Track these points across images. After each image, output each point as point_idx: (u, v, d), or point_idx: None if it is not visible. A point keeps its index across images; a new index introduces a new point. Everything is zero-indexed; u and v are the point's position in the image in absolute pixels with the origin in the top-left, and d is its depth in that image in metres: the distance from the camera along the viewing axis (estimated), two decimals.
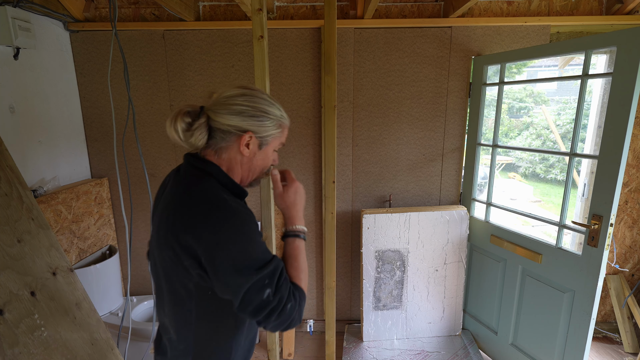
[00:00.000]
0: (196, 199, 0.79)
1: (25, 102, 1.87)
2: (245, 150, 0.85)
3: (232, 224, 0.77)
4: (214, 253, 0.75)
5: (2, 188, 1.31)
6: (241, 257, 0.76)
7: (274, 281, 0.77)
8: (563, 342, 1.82)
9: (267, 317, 0.77)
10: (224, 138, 0.85)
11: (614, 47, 1.51)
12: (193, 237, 0.76)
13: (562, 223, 1.80)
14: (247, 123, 0.83)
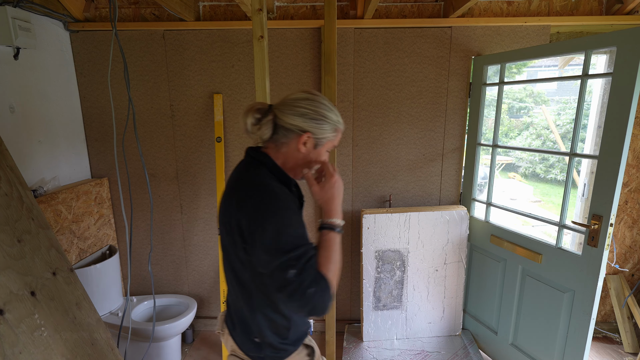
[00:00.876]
0: (246, 183, 0.93)
1: (25, 102, 1.87)
2: (302, 148, 0.96)
3: (271, 206, 0.87)
4: (253, 229, 0.86)
5: (2, 188, 1.31)
6: (275, 237, 0.84)
7: (299, 264, 0.84)
8: (563, 342, 1.82)
9: (288, 296, 0.85)
10: (285, 135, 0.96)
11: (614, 47, 1.51)
12: (240, 215, 0.88)
13: (562, 223, 1.80)
14: (308, 124, 0.94)
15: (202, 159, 2.37)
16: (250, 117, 0.97)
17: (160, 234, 2.49)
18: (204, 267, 2.54)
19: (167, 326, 2.06)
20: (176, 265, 2.54)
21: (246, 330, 1.03)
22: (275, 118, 0.96)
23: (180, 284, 2.57)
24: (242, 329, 1.04)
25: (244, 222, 0.87)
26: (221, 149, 2.29)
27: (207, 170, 2.39)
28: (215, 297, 2.58)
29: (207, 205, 2.44)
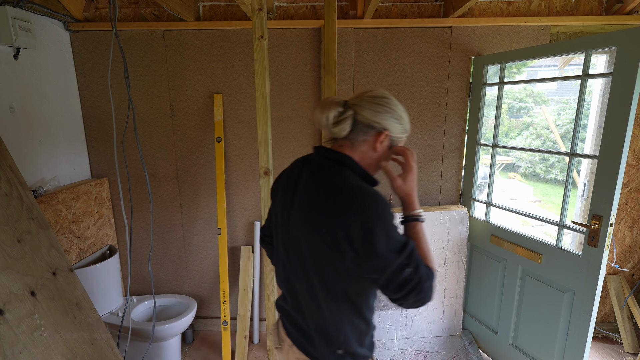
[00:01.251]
0: (342, 187, 0.87)
1: (25, 102, 1.87)
2: (379, 146, 0.94)
3: (378, 208, 0.84)
4: (365, 236, 0.82)
5: (2, 188, 1.31)
6: (387, 239, 0.83)
7: (412, 262, 0.84)
8: (563, 342, 1.82)
9: (407, 294, 0.85)
10: (365, 132, 0.93)
11: (614, 47, 1.51)
12: (346, 222, 0.83)
13: (562, 223, 1.80)
14: (388, 123, 0.93)
15: (202, 159, 2.37)
16: (333, 111, 0.91)
17: (160, 234, 2.49)
18: (204, 267, 2.54)
19: (167, 326, 2.06)
20: (176, 265, 2.54)
21: (330, 342, 0.97)
22: (354, 114, 0.92)
23: (180, 284, 2.57)
24: (326, 342, 0.97)
25: (354, 230, 0.82)
26: (221, 149, 2.29)
27: (207, 170, 2.39)
28: (215, 297, 2.58)
29: (207, 205, 2.44)
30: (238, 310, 2.32)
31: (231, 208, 2.44)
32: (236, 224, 2.46)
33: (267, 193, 1.54)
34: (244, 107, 2.30)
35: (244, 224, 2.47)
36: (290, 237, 0.97)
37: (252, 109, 2.30)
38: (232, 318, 2.56)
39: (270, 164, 1.50)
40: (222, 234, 2.31)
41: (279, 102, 2.28)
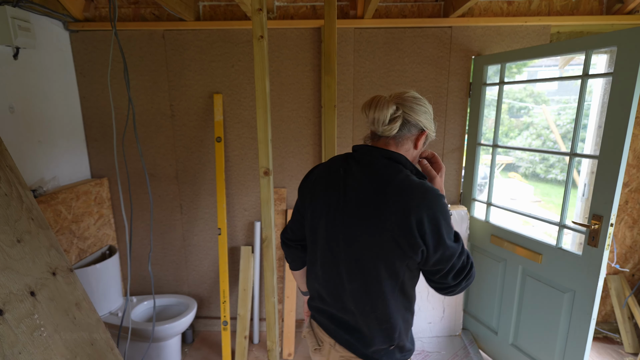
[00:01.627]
0: (409, 184, 0.90)
1: (25, 102, 1.87)
2: (420, 144, 1.00)
3: (441, 202, 0.90)
4: (435, 228, 0.87)
5: (2, 188, 1.31)
6: (449, 230, 0.90)
7: (464, 250, 0.95)
8: (563, 342, 1.82)
9: (462, 279, 0.95)
10: (410, 131, 0.97)
11: (614, 47, 1.51)
12: (419, 216, 0.87)
13: (562, 223, 1.80)
14: (429, 123, 0.99)
15: (202, 159, 2.37)
16: (390, 109, 0.93)
17: (160, 234, 2.49)
18: (204, 267, 2.54)
19: (167, 326, 2.06)
20: (176, 265, 2.54)
21: (388, 338, 0.99)
22: (403, 113, 0.95)
23: (180, 284, 2.57)
24: (383, 339, 0.99)
25: (425, 225, 0.86)
26: (221, 149, 2.29)
27: (207, 170, 2.39)
28: (215, 297, 2.58)
29: (207, 205, 2.44)
30: (238, 310, 2.32)
31: (231, 208, 2.44)
32: (236, 224, 2.46)
33: (266, 193, 1.53)
34: (244, 107, 2.29)
35: (244, 224, 2.47)
36: (340, 236, 0.97)
37: (252, 109, 2.30)
38: (232, 318, 2.56)
39: (270, 164, 1.50)
40: (222, 234, 2.31)
41: (279, 102, 2.28)
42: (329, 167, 1.05)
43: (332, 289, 1.03)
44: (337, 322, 1.05)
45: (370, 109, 0.95)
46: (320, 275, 1.06)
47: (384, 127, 0.94)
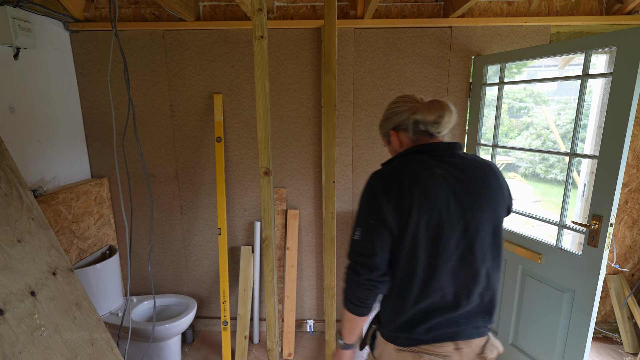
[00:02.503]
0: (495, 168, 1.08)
1: (25, 102, 1.87)
2: None
3: None
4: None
5: (2, 188, 1.31)
6: None
7: None
8: (563, 342, 1.82)
9: None
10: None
11: (614, 47, 1.51)
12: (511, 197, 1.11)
13: (562, 223, 1.80)
14: None
15: (202, 159, 2.37)
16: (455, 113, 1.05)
17: (160, 234, 2.49)
18: (204, 267, 2.54)
19: (167, 326, 2.06)
20: (176, 265, 2.54)
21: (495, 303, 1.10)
22: None
23: (180, 284, 2.57)
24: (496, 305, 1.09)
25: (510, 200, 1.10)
26: (221, 149, 2.29)
27: (207, 170, 2.39)
28: (215, 297, 2.58)
29: (207, 205, 2.44)
30: (238, 310, 2.32)
31: (231, 208, 2.44)
32: (236, 224, 2.46)
33: (266, 192, 1.53)
34: (244, 107, 2.30)
35: (244, 224, 2.47)
36: (471, 226, 0.99)
37: (252, 109, 2.30)
38: (232, 318, 2.56)
39: (270, 164, 1.50)
40: (222, 234, 2.31)
41: (279, 102, 2.28)
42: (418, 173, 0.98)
43: (462, 287, 1.01)
44: (463, 320, 1.03)
45: (445, 112, 1.02)
46: (443, 284, 0.99)
47: (448, 127, 1.04)
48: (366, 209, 1.00)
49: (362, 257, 1.00)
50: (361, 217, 1.01)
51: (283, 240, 2.42)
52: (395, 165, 1.03)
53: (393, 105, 1.11)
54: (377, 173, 1.04)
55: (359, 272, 1.00)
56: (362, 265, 1.00)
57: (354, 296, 1.02)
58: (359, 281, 1.00)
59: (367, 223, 0.99)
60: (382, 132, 1.16)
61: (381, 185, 0.99)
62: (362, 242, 1.00)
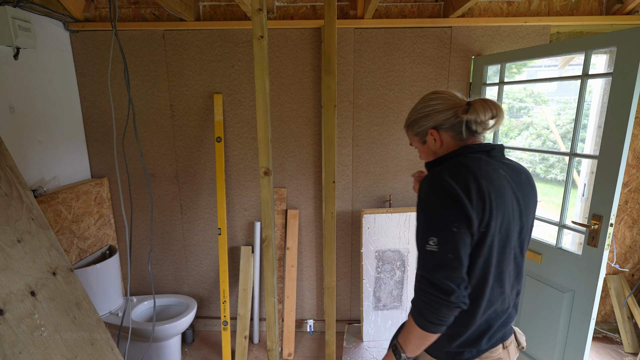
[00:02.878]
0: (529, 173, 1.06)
1: (25, 102, 1.87)
2: None
3: None
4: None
5: (2, 188, 1.31)
6: None
7: None
8: (563, 342, 1.82)
9: None
10: None
11: (614, 47, 1.51)
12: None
13: (562, 223, 1.80)
14: None
15: (202, 159, 2.37)
16: None
17: (160, 234, 2.49)
18: (204, 267, 2.54)
19: (167, 326, 2.06)
20: (176, 265, 2.54)
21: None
22: None
23: (180, 284, 2.57)
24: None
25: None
26: (221, 149, 2.29)
27: (207, 170, 2.39)
28: (215, 297, 2.58)
29: (207, 205, 2.44)
30: (238, 310, 2.32)
31: (231, 208, 2.44)
32: (236, 224, 2.46)
33: (266, 192, 1.53)
34: (244, 107, 2.30)
35: (244, 224, 2.47)
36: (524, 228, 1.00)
37: (252, 109, 2.30)
38: (232, 318, 2.56)
39: (270, 164, 1.50)
40: (222, 234, 2.31)
41: (279, 102, 2.28)
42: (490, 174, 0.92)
43: (512, 287, 1.02)
44: (509, 320, 1.04)
45: (499, 111, 0.97)
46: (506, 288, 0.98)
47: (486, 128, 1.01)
48: (445, 214, 0.88)
49: (447, 270, 0.86)
50: (437, 223, 0.88)
51: (283, 240, 2.42)
52: (463, 163, 0.93)
53: (431, 102, 1.02)
54: (447, 172, 0.91)
55: (446, 290, 0.85)
56: (449, 280, 0.86)
57: (436, 316, 0.88)
58: (449, 300, 0.86)
59: (448, 230, 0.87)
60: (415, 130, 1.06)
61: (460, 186, 0.88)
62: (443, 254, 0.87)
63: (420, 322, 0.90)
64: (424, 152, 1.08)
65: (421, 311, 0.89)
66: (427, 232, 0.89)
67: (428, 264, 0.88)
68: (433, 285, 0.87)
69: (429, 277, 0.87)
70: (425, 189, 0.93)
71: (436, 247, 0.87)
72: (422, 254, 0.90)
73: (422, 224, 0.92)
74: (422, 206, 0.93)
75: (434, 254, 0.87)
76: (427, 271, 0.88)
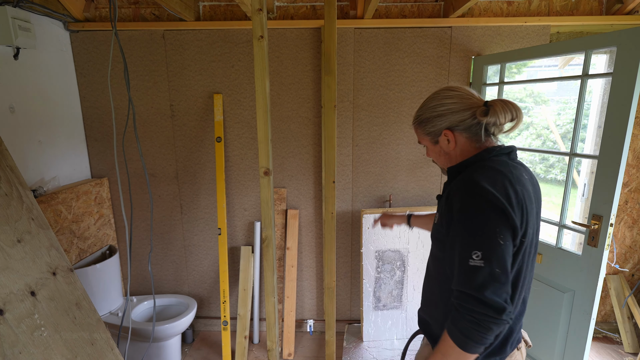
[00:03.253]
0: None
1: (25, 102, 1.87)
2: None
3: None
4: None
5: (2, 188, 1.31)
6: None
7: None
8: (563, 342, 1.82)
9: None
10: None
11: (614, 47, 1.51)
12: None
13: (562, 223, 1.80)
14: None
15: (202, 159, 2.37)
16: None
17: (160, 234, 2.49)
18: (204, 267, 2.54)
19: (167, 326, 2.06)
20: (176, 265, 2.54)
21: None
22: None
23: (180, 284, 2.57)
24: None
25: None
26: (221, 149, 2.29)
27: (207, 170, 2.39)
28: (215, 297, 2.58)
29: (207, 205, 2.44)
30: (238, 310, 2.32)
31: (231, 208, 2.44)
32: (236, 224, 2.46)
33: (266, 193, 1.53)
34: (244, 107, 2.30)
35: (244, 224, 2.47)
36: (537, 237, 0.98)
37: (252, 109, 2.30)
38: (232, 318, 2.56)
39: (270, 164, 1.50)
40: (222, 234, 2.31)
41: (279, 102, 2.28)
42: (520, 178, 0.90)
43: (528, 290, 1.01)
44: (522, 324, 1.05)
45: (519, 113, 0.92)
46: (528, 293, 0.99)
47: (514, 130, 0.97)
48: (490, 225, 0.82)
49: (496, 286, 0.80)
50: (481, 235, 0.82)
51: (283, 240, 2.42)
52: (495, 169, 0.89)
53: (446, 101, 0.94)
54: (484, 179, 0.85)
55: (498, 308, 0.79)
56: (499, 297, 0.80)
57: (484, 336, 0.81)
58: (501, 319, 0.80)
59: (494, 242, 0.81)
60: (427, 130, 0.98)
61: (501, 193, 0.83)
62: (490, 269, 0.80)
63: (465, 344, 0.82)
64: (435, 152, 1.02)
65: (467, 332, 0.81)
66: (469, 245, 0.82)
67: (473, 280, 0.81)
68: (482, 304, 0.80)
69: (476, 295, 0.80)
70: (460, 198, 0.86)
71: (481, 262, 0.80)
72: (464, 270, 0.82)
73: (460, 237, 0.85)
74: (460, 217, 0.85)
75: (479, 270, 0.80)
76: (473, 288, 0.81)
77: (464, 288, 0.82)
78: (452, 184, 0.92)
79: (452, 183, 0.94)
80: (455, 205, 0.86)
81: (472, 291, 0.81)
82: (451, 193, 0.89)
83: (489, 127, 0.94)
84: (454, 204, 0.87)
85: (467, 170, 0.93)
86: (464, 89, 0.96)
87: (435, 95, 0.98)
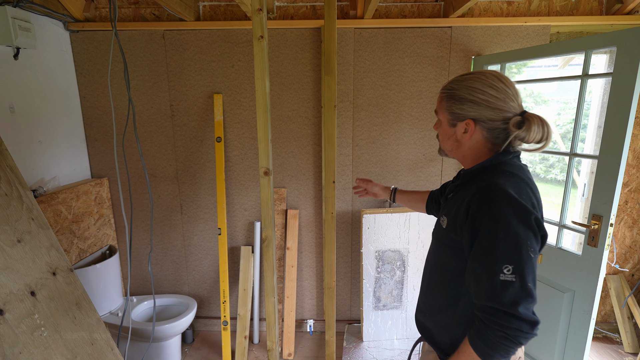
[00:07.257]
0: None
1: (25, 102, 1.87)
2: None
3: None
4: None
5: (2, 188, 1.31)
6: None
7: None
8: (563, 342, 1.82)
9: None
10: None
11: (614, 47, 1.51)
12: None
13: (562, 223, 1.80)
14: None
15: (202, 159, 2.37)
16: None
17: (160, 234, 2.49)
18: (204, 267, 2.54)
19: (167, 326, 2.06)
20: (176, 265, 2.54)
21: None
22: None
23: (180, 284, 2.57)
24: None
25: None
26: (221, 149, 2.29)
27: (207, 170, 2.39)
28: (215, 297, 2.58)
29: (207, 205, 2.44)
30: (238, 310, 2.32)
31: (231, 208, 2.44)
32: (236, 224, 2.46)
33: (266, 192, 1.53)
34: (244, 107, 2.30)
35: (244, 224, 2.47)
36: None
37: (252, 109, 2.30)
38: (232, 318, 2.56)
39: (270, 164, 1.50)
40: (222, 234, 2.31)
41: (279, 102, 2.28)
42: (532, 183, 0.88)
43: None
44: None
45: (549, 137, 0.86)
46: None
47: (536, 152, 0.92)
48: (522, 238, 0.78)
49: (529, 301, 0.77)
50: (511, 248, 0.78)
51: (283, 240, 2.42)
52: (516, 175, 0.85)
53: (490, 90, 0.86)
54: (510, 186, 0.81)
55: (532, 322, 0.78)
56: (531, 311, 0.78)
57: (511, 351, 0.79)
58: (534, 333, 0.78)
59: (526, 256, 0.77)
60: (453, 108, 0.91)
61: (528, 203, 0.80)
62: (522, 283, 0.77)
63: (489, 357, 0.81)
64: (446, 133, 0.95)
65: (495, 346, 0.79)
66: (499, 259, 0.78)
67: (504, 295, 0.77)
68: (516, 319, 0.77)
69: (509, 311, 0.77)
70: (488, 209, 0.80)
71: (512, 277, 0.77)
72: (494, 284, 0.78)
73: (486, 249, 0.80)
74: (488, 230, 0.79)
75: (511, 285, 0.77)
76: (504, 304, 0.77)
77: (494, 304, 0.79)
78: (472, 191, 0.85)
79: (471, 189, 0.87)
80: (480, 216, 0.81)
81: (503, 307, 0.77)
82: (472, 201, 0.83)
83: (514, 139, 0.87)
84: (479, 215, 0.81)
85: (486, 175, 0.87)
86: (513, 87, 0.87)
87: (481, 76, 0.88)
